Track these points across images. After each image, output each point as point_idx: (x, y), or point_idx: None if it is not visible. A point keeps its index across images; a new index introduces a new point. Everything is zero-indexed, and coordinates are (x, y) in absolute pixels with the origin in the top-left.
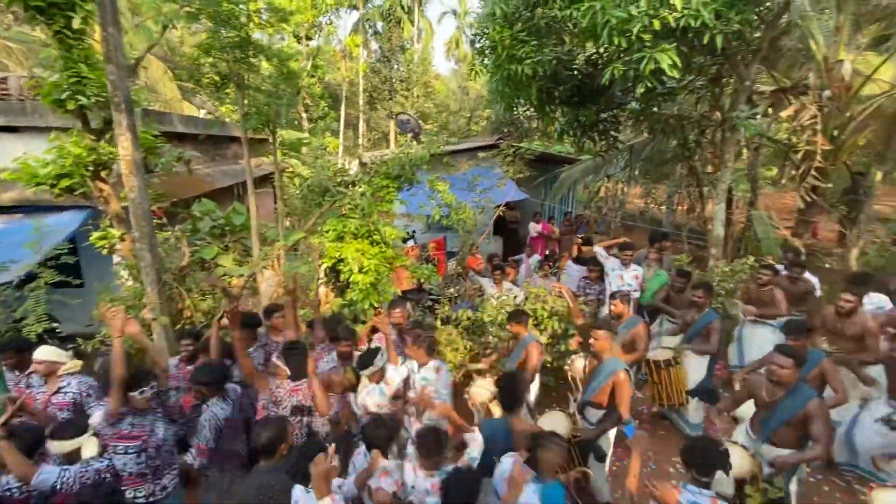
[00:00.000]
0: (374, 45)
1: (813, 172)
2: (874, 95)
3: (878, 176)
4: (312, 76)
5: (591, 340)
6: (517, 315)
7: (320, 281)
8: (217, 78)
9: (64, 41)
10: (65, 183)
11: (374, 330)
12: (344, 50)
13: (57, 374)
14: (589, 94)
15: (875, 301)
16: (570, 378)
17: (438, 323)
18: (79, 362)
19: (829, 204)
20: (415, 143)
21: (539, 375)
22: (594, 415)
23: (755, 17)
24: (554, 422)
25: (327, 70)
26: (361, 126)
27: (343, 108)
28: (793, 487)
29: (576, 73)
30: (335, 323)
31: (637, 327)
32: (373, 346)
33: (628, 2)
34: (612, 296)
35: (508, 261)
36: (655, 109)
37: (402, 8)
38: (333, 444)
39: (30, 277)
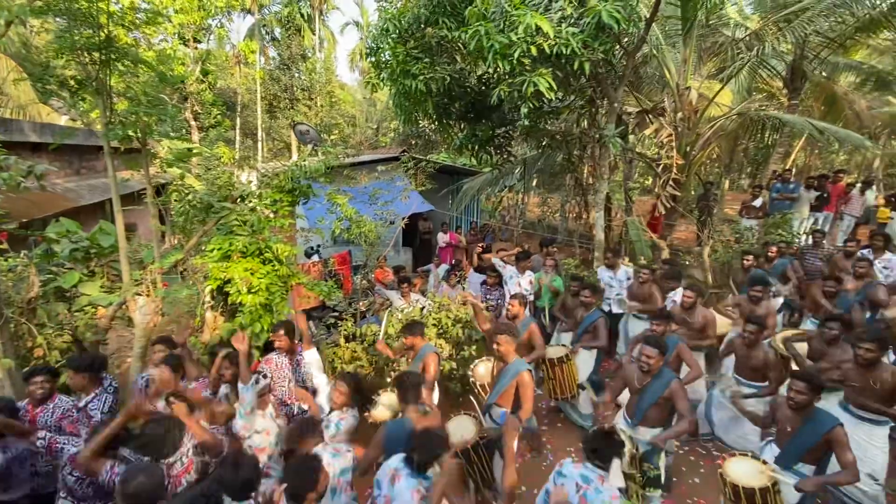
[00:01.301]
0: (272, 52)
1: (671, 183)
2: (717, 117)
3: (726, 184)
4: (202, 81)
5: (495, 345)
6: (412, 327)
7: (206, 305)
8: (72, 82)
9: None
10: None
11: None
12: (238, 55)
13: None
14: (483, 111)
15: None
16: (472, 383)
17: (342, 340)
18: None
19: (686, 209)
20: (315, 154)
21: (442, 383)
22: (500, 414)
23: (617, 47)
24: (461, 425)
25: (220, 76)
26: (260, 135)
27: (239, 116)
28: (662, 461)
29: (469, 90)
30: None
31: (531, 326)
32: (260, 368)
33: (509, 28)
34: (512, 296)
35: (417, 271)
36: (542, 126)
37: (302, 16)
38: None
39: None
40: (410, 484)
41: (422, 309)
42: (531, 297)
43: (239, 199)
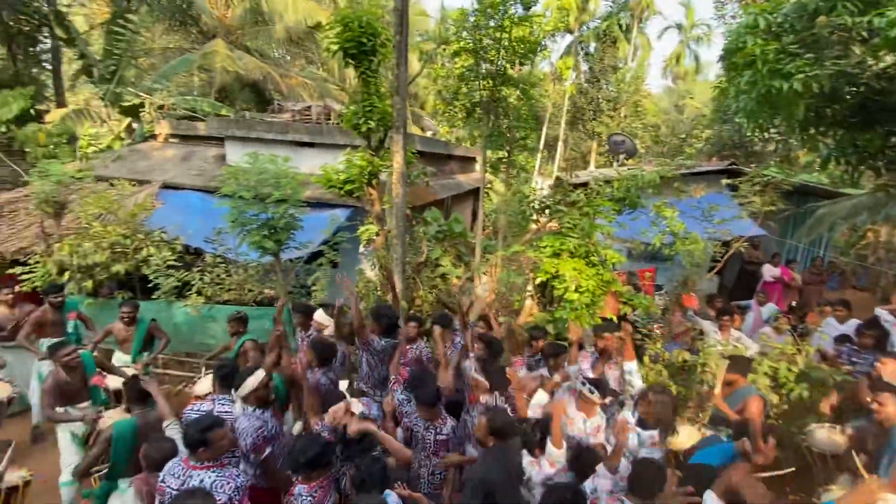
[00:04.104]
0: (583, 67)
1: None
2: None
3: None
4: (521, 98)
5: (875, 404)
6: (739, 363)
7: (528, 294)
8: (469, 105)
9: (365, 79)
10: (349, 187)
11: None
12: (554, 73)
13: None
14: (879, 114)
15: None
16: (807, 450)
17: (647, 360)
18: None
19: None
20: (629, 163)
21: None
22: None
23: None
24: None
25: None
26: (560, 147)
27: (545, 128)
28: None
29: (863, 88)
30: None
31: None
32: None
33: None
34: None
35: (732, 306)
36: None
37: (620, 27)
38: None
39: (312, 256)
40: None
41: (747, 350)
42: None
43: (571, 204)
